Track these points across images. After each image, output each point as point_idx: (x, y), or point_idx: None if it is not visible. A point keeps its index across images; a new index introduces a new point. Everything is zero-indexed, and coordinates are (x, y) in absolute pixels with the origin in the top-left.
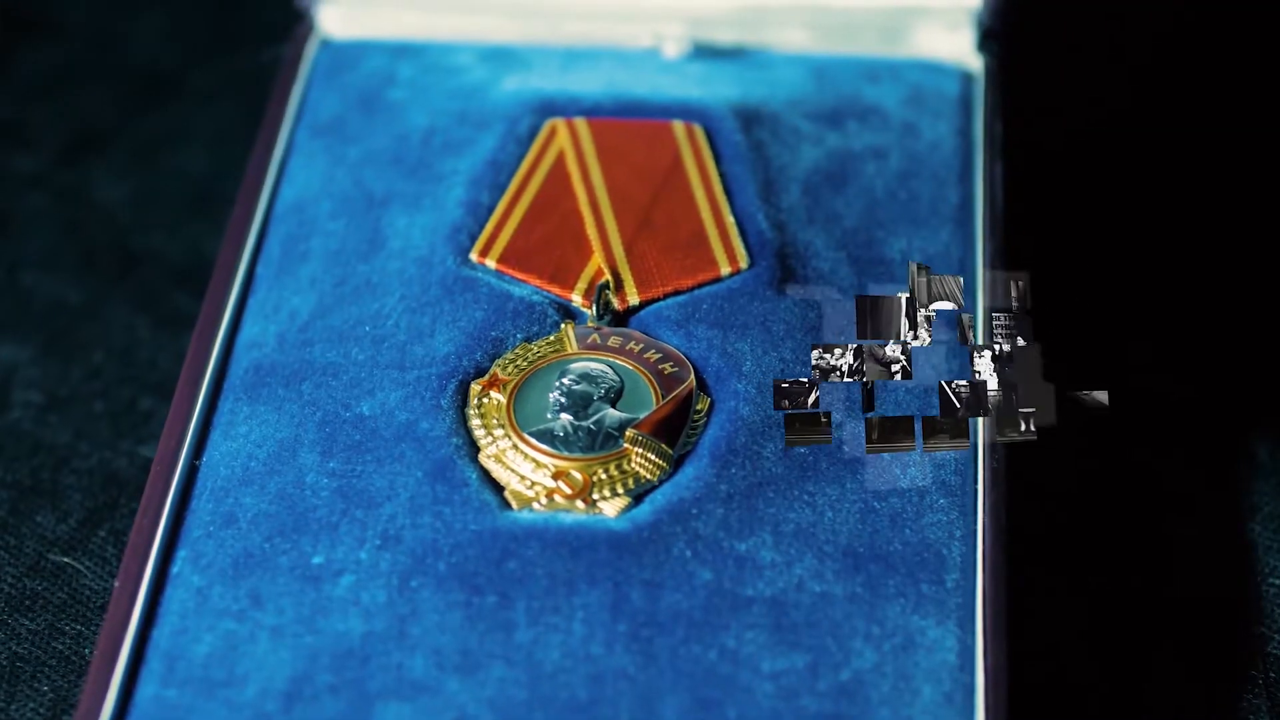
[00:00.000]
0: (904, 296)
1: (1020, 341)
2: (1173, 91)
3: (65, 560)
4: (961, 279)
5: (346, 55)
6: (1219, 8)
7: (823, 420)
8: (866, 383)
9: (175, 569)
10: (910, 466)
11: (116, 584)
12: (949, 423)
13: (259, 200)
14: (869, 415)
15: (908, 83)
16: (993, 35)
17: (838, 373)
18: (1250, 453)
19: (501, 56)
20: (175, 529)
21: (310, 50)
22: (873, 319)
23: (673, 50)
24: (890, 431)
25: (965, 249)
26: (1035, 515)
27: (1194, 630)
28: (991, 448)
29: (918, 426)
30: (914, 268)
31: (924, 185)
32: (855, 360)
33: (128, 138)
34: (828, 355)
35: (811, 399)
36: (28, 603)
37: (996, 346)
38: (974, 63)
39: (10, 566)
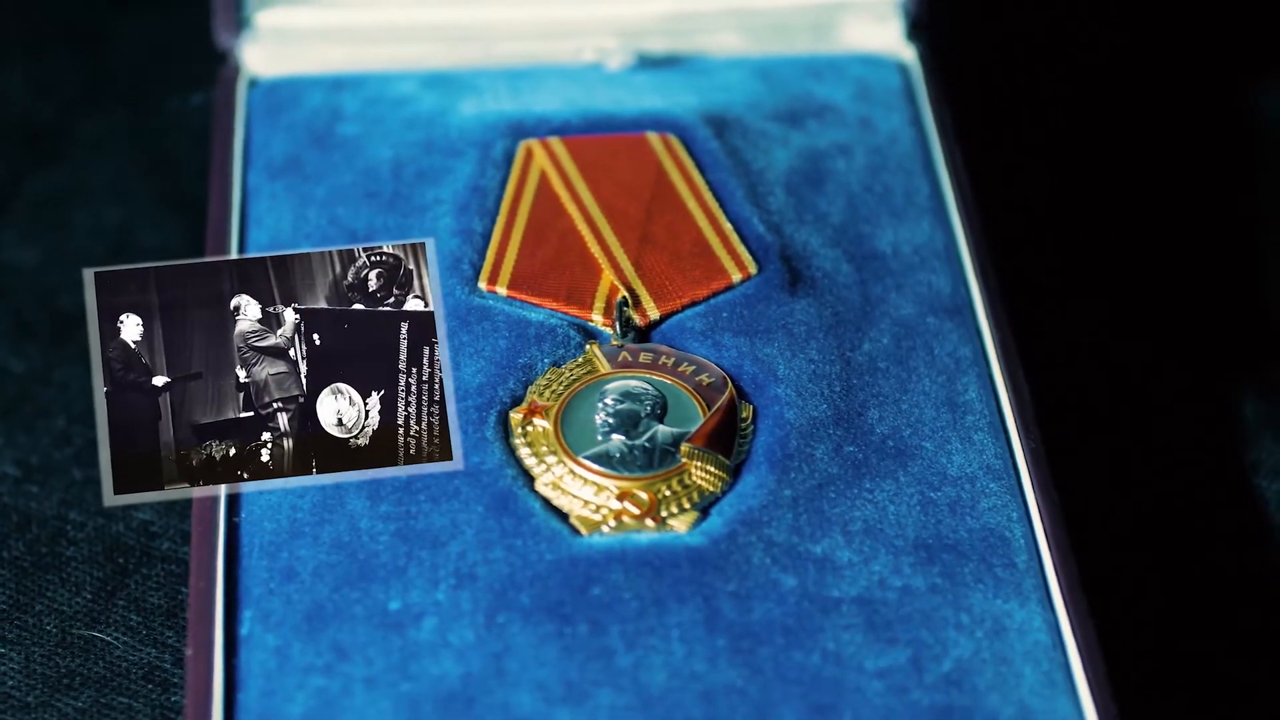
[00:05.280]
0: None
1: None
2: (1102, 62)
3: (93, 634)
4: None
5: (283, 93)
6: None
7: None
8: None
9: (244, 630)
10: (955, 454)
11: (189, 652)
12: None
13: (229, 247)
14: None
15: (851, 78)
16: (921, 25)
17: None
18: (1237, 411)
19: (445, 82)
20: (231, 589)
21: (240, 91)
22: None
23: (616, 63)
24: None
25: (947, 237)
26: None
27: (1237, 590)
28: (1026, 429)
29: None
30: None
31: (894, 178)
32: None
33: (26, 196)
34: None
35: None
36: (66, 681)
37: None
38: (905, 53)
39: (37, 646)
